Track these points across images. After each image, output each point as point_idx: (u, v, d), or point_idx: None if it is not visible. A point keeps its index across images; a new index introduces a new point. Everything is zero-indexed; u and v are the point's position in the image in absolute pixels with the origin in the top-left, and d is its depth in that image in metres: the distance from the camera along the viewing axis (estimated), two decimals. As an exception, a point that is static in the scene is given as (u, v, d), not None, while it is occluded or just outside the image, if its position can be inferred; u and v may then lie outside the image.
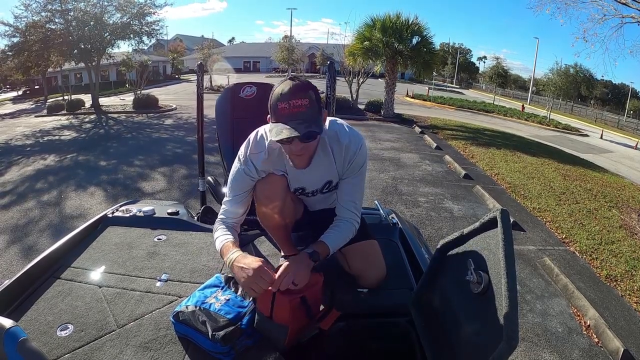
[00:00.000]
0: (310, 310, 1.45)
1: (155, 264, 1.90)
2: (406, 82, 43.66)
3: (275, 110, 1.46)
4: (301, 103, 1.43)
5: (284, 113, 1.43)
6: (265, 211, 1.72)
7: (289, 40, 35.38)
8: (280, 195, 1.68)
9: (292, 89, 1.43)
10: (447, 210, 6.33)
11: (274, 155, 1.64)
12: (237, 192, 1.69)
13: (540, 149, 12.91)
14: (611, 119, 36.41)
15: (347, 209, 1.72)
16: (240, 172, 1.67)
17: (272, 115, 1.49)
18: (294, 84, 1.45)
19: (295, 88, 1.44)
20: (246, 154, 1.65)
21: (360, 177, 1.72)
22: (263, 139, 1.64)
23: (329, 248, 1.62)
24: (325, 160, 1.66)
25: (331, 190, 1.77)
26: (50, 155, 9.61)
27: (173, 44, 50.70)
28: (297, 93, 1.43)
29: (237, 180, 1.69)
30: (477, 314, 1.19)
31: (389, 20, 15.20)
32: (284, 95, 1.43)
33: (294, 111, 1.43)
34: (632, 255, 5.10)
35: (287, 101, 1.42)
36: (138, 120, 15.40)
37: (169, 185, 7.19)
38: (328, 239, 1.64)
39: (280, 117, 1.44)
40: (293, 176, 1.70)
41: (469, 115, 22.61)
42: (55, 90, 30.23)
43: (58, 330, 1.45)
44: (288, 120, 1.42)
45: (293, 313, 1.38)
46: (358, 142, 1.66)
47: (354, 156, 1.65)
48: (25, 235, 5.08)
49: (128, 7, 17.52)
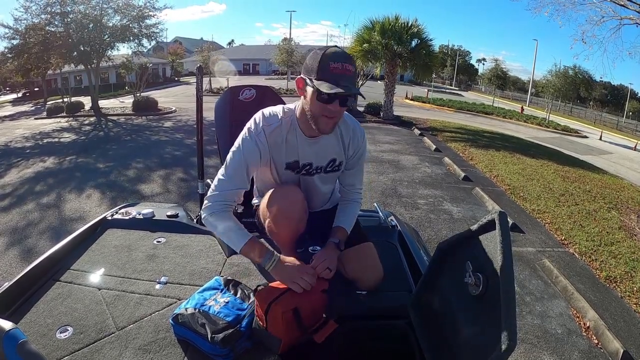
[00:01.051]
0: (302, 324, 1.44)
1: (154, 266, 1.91)
2: (405, 84, 43.72)
3: (324, 68, 1.50)
4: (350, 68, 1.52)
5: (337, 72, 1.49)
6: (280, 225, 1.69)
7: (288, 42, 35.35)
8: (299, 211, 1.68)
9: (344, 54, 1.53)
10: (446, 213, 6.33)
11: (287, 126, 1.68)
12: (241, 167, 1.64)
13: (539, 150, 12.91)
14: (610, 121, 36.48)
15: (352, 191, 1.91)
16: (248, 143, 1.64)
17: (319, 72, 1.51)
18: (343, 50, 1.54)
19: (346, 54, 1.53)
20: (259, 126, 1.65)
21: (362, 164, 1.91)
22: (276, 114, 1.68)
23: (347, 231, 1.80)
24: (333, 139, 1.75)
25: (334, 170, 1.81)
26: (49, 157, 9.61)
27: (172, 46, 50.70)
28: (348, 58, 1.52)
29: (243, 153, 1.64)
30: (476, 316, 1.20)
31: (388, 22, 15.22)
32: (337, 56, 1.50)
33: (346, 73, 1.50)
34: (631, 256, 5.10)
35: (340, 62, 1.49)
36: (137, 123, 15.42)
37: (167, 188, 7.20)
38: (344, 223, 1.82)
39: (331, 76, 1.49)
40: (303, 149, 1.71)
41: (468, 117, 22.65)
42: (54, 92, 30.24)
43: (57, 332, 1.45)
44: (339, 79, 1.49)
45: (286, 326, 1.38)
46: (362, 130, 1.84)
47: (360, 141, 1.81)
48: (24, 237, 5.08)
49: (127, 9, 17.55)
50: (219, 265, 1.95)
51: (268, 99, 2.70)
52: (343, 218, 1.84)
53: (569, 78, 24.95)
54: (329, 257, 1.62)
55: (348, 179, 1.90)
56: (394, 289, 1.83)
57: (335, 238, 1.73)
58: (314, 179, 1.81)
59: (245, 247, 1.57)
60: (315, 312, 1.52)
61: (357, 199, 1.93)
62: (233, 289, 1.60)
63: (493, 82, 34.51)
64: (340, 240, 1.73)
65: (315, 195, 1.89)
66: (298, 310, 1.43)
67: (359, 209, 1.92)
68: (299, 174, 1.77)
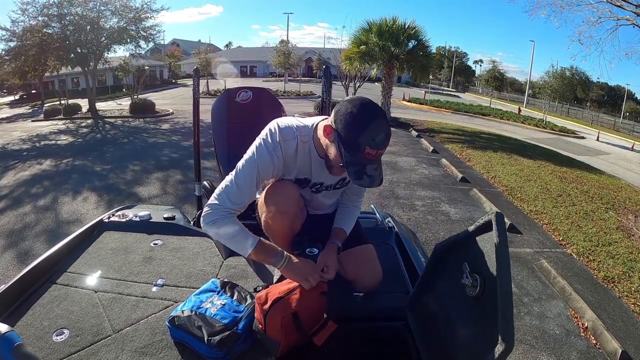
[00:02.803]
0: (301, 327, 1.44)
1: (151, 268, 1.90)
2: (403, 86, 43.77)
3: (358, 148, 1.41)
4: (383, 152, 1.45)
5: (369, 158, 1.42)
6: (275, 220, 1.69)
7: (285, 44, 35.39)
8: (293, 207, 1.68)
9: (385, 139, 1.42)
10: (444, 214, 6.33)
11: (302, 144, 1.61)
12: (252, 179, 1.56)
13: (536, 151, 12.94)
14: (607, 121, 36.61)
15: (353, 199, 1.91)
16: (264, 155, 1.55)
17: (350, 144, 1.42)
18: (387, 131, 1.43)
19: (387, 138, 1.43)
20: (275, 140, 1.56)
21: None
22: (291, 128, 1.60)
23: (346, 233, 1.81)
24: None
25: (342, 186, 1.82)
26: (46, 159, 9.58)
27: (170, 48, 50.66)
28: (386, 142, 1.43)
29: (258, 165, 1.55)
30: (473, 317, 1.20)
31: (385, 24, 15.21)
32: (377, 143, 1.40)
33: (378, 158, 1.44)
34: (629, 256, 5.12)
35: (376, 150, 1.41)
36: (135, 125, 15.38)
37: (164, 190, 7.18)
38: (344, 224, 1.83)
39: (361, 159, 1.42)
40: (316, 171, 1.68)
41: (465, 118, 22.69)
42: (52, 94, 30.16)
43: (54, 335, 1.45)
44: (368, 164, 1.43)
45: (285, 329, 1.38)
46: None
47: None
48: (20, 240, 5.05)
49: (125, 11, 17.50)
50: (215, 267, 1.95)
51: (265, 100, 2.70)
52: (343, 219, 1.85)
53: (566, 79, 25.06)
54: (332, 258, 1.66)
55: (352, 191, 1.89)
56: (391, 291, 1.84)
57: (337, 239, 1.76)
58: (322, 194, 1.82)
59: (256, 250, 1.52)
60: (314, 315, 1.52)
61: (357, 205, 1.94)
62: (230, 291, 1.60)
63: (490, 84, 34.67)
64: (341, 241, 1.77)
65: (318, 204, 1.89)
66: (297, 313, 1.43)
67: (358, 214, 1.94)
68: (306, 189, 1.76)
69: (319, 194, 1.80)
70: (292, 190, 1.68)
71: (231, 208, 1.54)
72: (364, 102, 1.45)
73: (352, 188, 1.87)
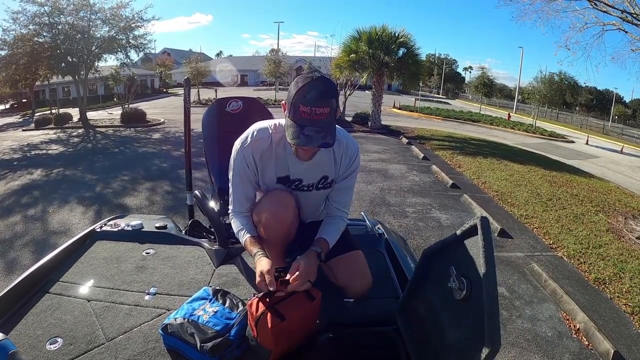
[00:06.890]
0: (292, 335, 1.45)
1: (143, 277, 1.91)
2: (393, 93, 43.93)
3: (295, 108, 1.45)
4: (322, 112, 1.44)
5: (304, 117, 1.44)
6: (271, 228, 1.72)
7: (276, 53, 35.48)
8: (289, 216, 1.72)
9: (317, 96, 1.43)
10: (434, 220, 6.37)
11: (277, 141, 1.68)
12: (243, 184, 1.75)
13: (526, 156, 13.07)
14: (596, 125, 37.05)
15: (338, 208, 1.86)
16: (237, 159, 1.71)
17: (291, 110, 1.47)
18: (320, 89, 1.44)
19: (321, 95, 1.43)
20: (246, 142, 1.67)
21: (353, 181, 1.86)
22: (266, 128, 1.68)
23: (329, 243, 1.73)
24: (326, 156, 1.72)
25: (325, 187, 1.81)
26: (37, 169, 9.50)
27: (161, 57, 50.57)
28: (321, 100, 1.43)
29: (237, 171, 1.73)
30: (461, 319, 1.22)
31: (375, 32, 15.34)
32: (307, 99, 1.42)
33: (314, 118, 1.44)
34: (619, 258, 5.18)
35: (309, 106, 1.42)
36: (125, 135, 15.32)
37: (154, 199, 7.16)
38: (327, 234, 1.75)
39: (298, 120, 1.45)
40: (293, 166, 1.72)
41: (455, 125, 22.84)
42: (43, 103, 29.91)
43: (47, 343, 1.45)
44: (306, 124, 1.43)
45: (276, 337, 1.39)
46: (355, 145, 1.79)
47: (352, 159, 1.76)
48: (8, 249, 5.01)
49: (115, 20, 17.47)
50: (207, 275, 1.96)
51: (255, 110, 2.72)
52: (327, 230, 1.78)
53: (554, 84, 25.28)
54: (307, 267, 1.51)
55: (336, 196, 1.85)
56: (381, 296, 1.85)
57: (316, 247, 1.67)
58: (306, 195, 1.83)
59: (245, 245, 1.70)
60: (306, 323, 1.53)
61: (344, 217, 1.86)
62: (222, 299, 1.61)
63: (480, 90, 34.90)
64: (322, 250, 1.67)
65: (307, 208, 1.91)
66: (288, 320, 1.43)
67: (344, 227, 1.86)
68: (290, 188, 1.79)
69: (304, 192, 1.81)
70: (288, 200, 1.73)
71: (239, 211, 1.78)
72: (311, 73, 1.51)
73: (337, 195, 1.85)
